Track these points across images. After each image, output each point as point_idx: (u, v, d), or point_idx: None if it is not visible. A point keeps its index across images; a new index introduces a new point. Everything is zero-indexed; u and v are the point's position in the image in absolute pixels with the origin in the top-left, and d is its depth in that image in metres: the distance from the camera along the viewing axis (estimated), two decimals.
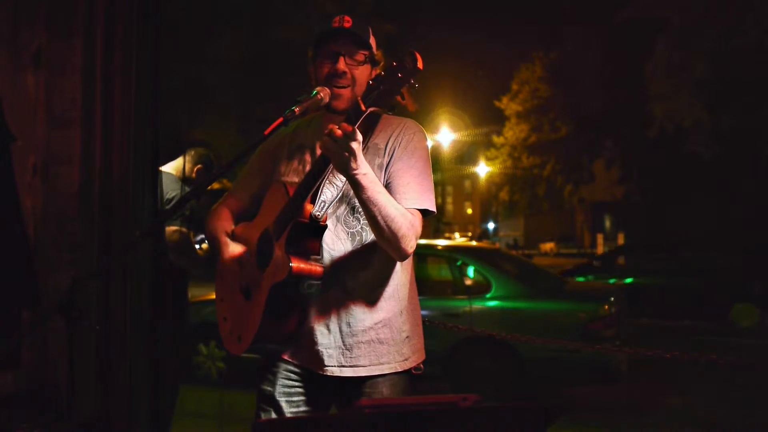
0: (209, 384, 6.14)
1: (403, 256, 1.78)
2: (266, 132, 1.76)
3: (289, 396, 1.88)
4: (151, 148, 2.66)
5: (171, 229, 3.43)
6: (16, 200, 2.51)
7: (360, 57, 1.83)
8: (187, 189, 3.61)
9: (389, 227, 1.69)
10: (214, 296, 2.06)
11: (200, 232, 3.78)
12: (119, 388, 2.53)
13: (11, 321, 2.50)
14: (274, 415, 1.86)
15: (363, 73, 1.84)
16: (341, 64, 1.81)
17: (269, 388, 1.89)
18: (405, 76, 1.54)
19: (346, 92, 1.82)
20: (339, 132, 1.57)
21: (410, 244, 1.74)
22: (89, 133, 2.54)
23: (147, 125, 2.62)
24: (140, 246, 2.57)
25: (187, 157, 3.72)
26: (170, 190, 3.45)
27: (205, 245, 3.74)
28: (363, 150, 1.72)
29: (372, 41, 1.88)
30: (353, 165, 1.61)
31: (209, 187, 1.97)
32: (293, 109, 1.74)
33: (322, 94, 1.79)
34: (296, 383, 1.88)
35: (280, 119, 1.73)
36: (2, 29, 2.59)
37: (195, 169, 3.76)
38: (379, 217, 1.68)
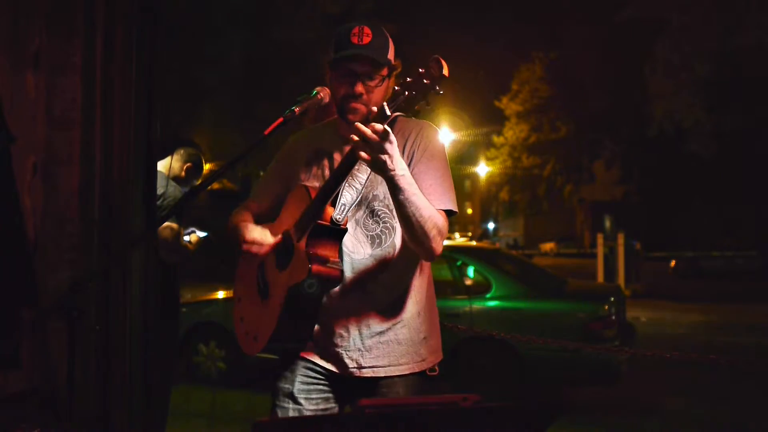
0: (208, 384, 6.13)
1: (431, 257, 1.82)
2: (266, 132, 1.76)
3: (308, 393, 1.89)
4: (150, 148, 2.67)
5: (162, 225, 3.45)
6: (16, 200, 2.51)
7: (378, 79, 1.82)
8: (174, 186, 3.64)
9: (423, 228, 1.71)
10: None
11: (188, 229, 3.81)
12: (119, 388, 2.53)
13: (11, 321, 2.50)
14: (292, 412, 1.87)
15: (379, 90, 1.84)
16: (359, 87, 1.81)
17: (288, 386, 1.90)
18: (432, 83, 1.56)
19: (361, 108, 1.82)
20: (372, 135, 1.56)
21: (440, 244, 1.78)
22: (89, 133, 2.54)
23: (147, 125, 2.63)
24: (140, 245, 2.57)
25: (176, 156, 3.74)
26: (158, 187, 3.48)
27: (194, 236, 3.76)
28: None
29: (391, 52, 1.86)
30: (390, 166, 1.62)
31: (209, 187, 1.97)
32: (293, 109, 1.74)
33: (322, 94, 1.80)
34: (315, 380, 1.90)
35: (280, 119, 1.74)
36: (2, 29, 2.59)
37: (184, 167, 3.79)
38: (413, 219, 1.70)
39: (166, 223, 3.46)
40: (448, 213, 1.83)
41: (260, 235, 1.84)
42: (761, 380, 5.55)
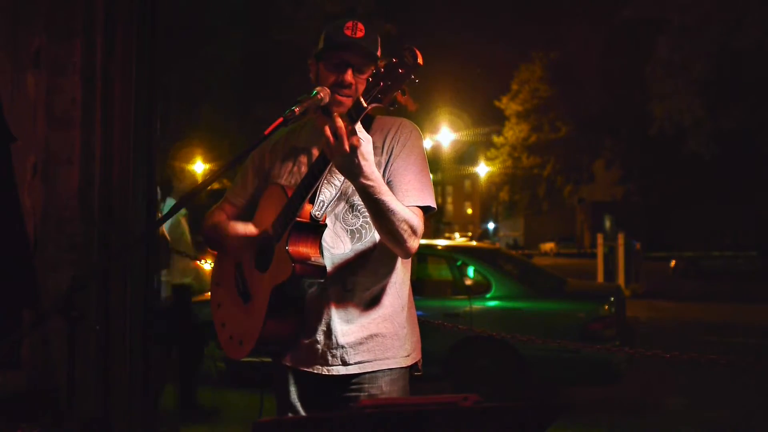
0: (208, 384, 6.13)
1: (407, 254, 1.79)
2: (266, 132, 1.75)
3: (303, 402, 1.89)
4: (150, 148, 2.67)
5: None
6: (16, 200, 2.51)
7: (368, 71, 1.81)
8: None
9: (398, 230, 1.70)
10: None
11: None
12: (119, 388, 2.53)
13: (11, 321, 2.50)
14: None
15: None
16: (349, 77, 1.80)
17: (286, 398, 1.90)
18: (406, 71, 1.54)
19: (348, 101, 1.80)
20: (341, 127, 1.56)
21: (415, 242, 1.76)
22: (89, 133, 2.55)
23: (147, 125, 2.63)
24: (140, 245, 2.57)
25: None
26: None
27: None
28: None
29: (379, 51, 1.86)
30: (358, 171, 1.61)
31: (208, 187, 1.96)
32: (293, 109, 1.73)
33: (322, 94, 1.78)
34: (308, 389, 1.89)
35: (280, 119, 1.73)
36: (2, 29, 2.59)
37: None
38: (385, 221, 1.69)
39: None
40: (427, 209, 1.82)
41: (253, 231, 1.83)
42: (761, 380, 5.55)
